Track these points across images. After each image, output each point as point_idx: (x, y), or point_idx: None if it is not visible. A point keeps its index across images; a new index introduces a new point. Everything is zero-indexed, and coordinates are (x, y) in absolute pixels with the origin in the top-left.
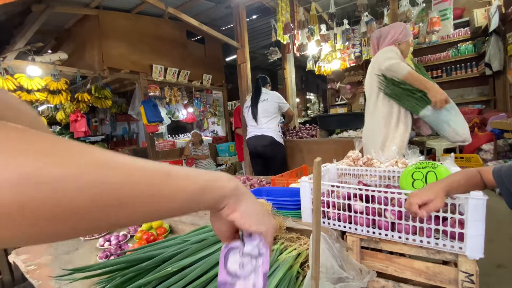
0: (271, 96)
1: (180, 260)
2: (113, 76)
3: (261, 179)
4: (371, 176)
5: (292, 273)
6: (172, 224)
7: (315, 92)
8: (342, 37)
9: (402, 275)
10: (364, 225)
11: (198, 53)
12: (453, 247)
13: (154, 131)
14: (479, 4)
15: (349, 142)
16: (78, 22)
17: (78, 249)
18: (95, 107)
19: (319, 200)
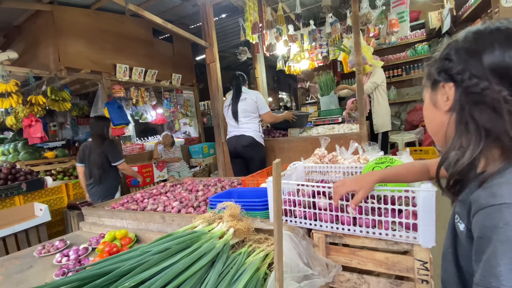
0: (250, 95)
1: (139, 273)
2: (72, 77)
3: (233, 181)
4: (336, 172)
5: (259, 276)
6: (138, 233)
7: (287, 91)
8: (309, 37)
9: (365, 267)
10: (328, 222)
11: (166, 52)
12: (408, 237)
13: (120, 134)
14: (433, 7)
15: (318, 139)
16: (29, 18)
17: (32, 267)
18: (53, 111)
19: (280, 202)
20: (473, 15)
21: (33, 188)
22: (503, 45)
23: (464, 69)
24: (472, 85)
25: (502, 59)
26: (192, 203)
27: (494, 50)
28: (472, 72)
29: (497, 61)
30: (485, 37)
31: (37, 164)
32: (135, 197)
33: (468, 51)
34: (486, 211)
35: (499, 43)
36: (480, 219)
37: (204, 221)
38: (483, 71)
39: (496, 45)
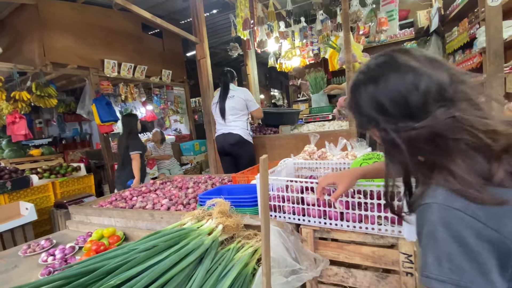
0: (238, 92)
1: (125, 270)
2: (58, 72)
3: (223, 177)
4: (325, 168)
5: (247, 271)
6: (127, 231)
7: (279, 89)
8: (300, 34)
9: (352, 261)
10: (316, 217)
11: (155, 47)
12: (393, 231)
13: (108, 131)
14: (422, 6)
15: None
16: (13, 12)
17: (17, 267)
18: (39, 107)
19: (266, 197)
20: (461, 14)
21: (18, 186)
22: (375, 86)
23: (367, 119)
24: (379, 130)
25: (377, 99)
26: (182, 201)
27: (368, 94)
28: (371, 119)
29: (374, 102)
30: (361, 87)
31: (22, 162)
32: (124, 195)
33: (357, 103)
34: (418, 211)
35: (371, 84)
36: (416, 217)
37: (193, 218)
38: (375, 117)
39: (369, 88)
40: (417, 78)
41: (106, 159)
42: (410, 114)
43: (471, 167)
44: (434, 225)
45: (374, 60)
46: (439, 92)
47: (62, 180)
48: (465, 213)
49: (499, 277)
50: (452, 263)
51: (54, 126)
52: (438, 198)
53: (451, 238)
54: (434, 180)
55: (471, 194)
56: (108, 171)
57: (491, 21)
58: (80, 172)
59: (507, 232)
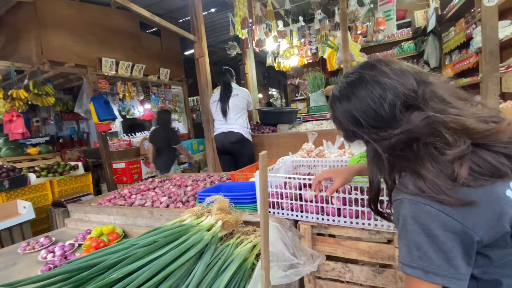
0: (241, 92)
1: (126, 265)
2: (56, 70)
3: (222, 175)
4: (323, 166)
5: (246, 266)
6: (126, 228)
7: (277, 88)
8: (298, 33)
9: (349, 256)
10: (314, 213)
11: (153, 46)
12: (389, 226)
13: (106, 130)
14: (419, 6)
15: (306, 135)
16: (11, 10)
17: (17, 264)
18: (36, 106)
19: (265, 192)
20: (457, 14)
21: (15, 185)
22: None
23: (352, 132)
24: (364, 140)
25: (352, 114)
26: (181, 198)
27: (344, 111)
28: (352, 132)
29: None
30: (336, 103)
31: (19, 161)
32: (123, 193)
33: (339, 121)
34: (393, 205)
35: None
36: (393, 211)
37: (193, 214)
38: (354, 130)
39: (344, 105)
40: (384, 90)
41: (103, 157)
42: (386, 124)
43: (439, 170)
44: (405, 218)
45: (344, 79)
46: (408, 98)
47: (60, 179)
48: (432, 206)
49: (464, 264)
50: (420, 251)
51: (51, 124)
52: (409, 193)
53: (419, 230)
54: (404, 180)
55: (442, 200)
56: (106, 170)
57: (487, 22)
58: (77, 170)
59: (470, 224)
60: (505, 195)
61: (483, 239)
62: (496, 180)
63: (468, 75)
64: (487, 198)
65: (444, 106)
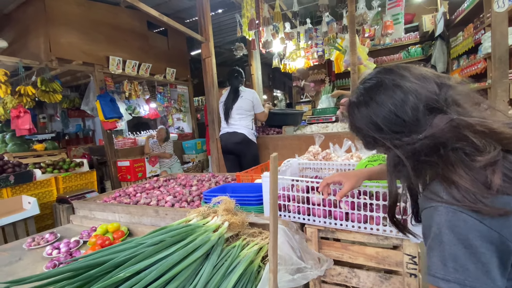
0: (247, 93)
1: (134, 264)
2: (64, 68)
3: (227, 176)
4: (330, 169)
5: (253, 268)
6: (131, 227)
7: (282, 89)
8: (305, 36)
9: (356, 261)
10: (321, 217)
11: (160, 45)
12: (398, 232)
13: (112, 128)
14: (427, 11)
15: (312, 137)
16: (20, 7)
17: (22, 259)
18: (43, 102)
19: (276, 194)
20: (466, 19)
21: (21, 180)
22: (367, 108)
23: (374, 139)
24: (383, 148)
25: (373, 120)
26: (186, 198)
27: (363, 117)
28: (374, 139)
29: (371, 124)
30: (354, 109)
31: (25, 157)
32: (128, 191)
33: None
34: (424, 213)
35: (364, 107)
36: (422, 219)
37: (199, 215)
38: (374, 136)
39: (363, 111)
40: (405, 94)
41: (108, 155)
42: (409, 129)
43: (473, 177)
44: (440, 227)
45: (362, 85)
46: (430, 101)
47: (65, 175)
48: (469, 215)
49: (500, 276)
50: (457, 263)
51: (57, 121)
52: (444, 200)
53: (456, 240)
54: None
55: (480, 209)
56: (111, 168)
57: (497, 27)
58: (83, 167)
59: (508, 234)
60: None
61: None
62: None
63: (476, 81)
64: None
65: (467, 109)
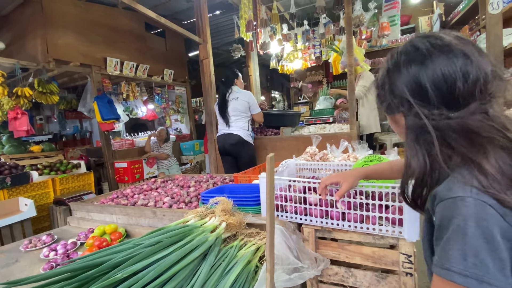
0: (242, 95)
1: (131, 265)
2: (61, 69)
3: (225, 177)
4: (326, 170)
5: (250, 268)
6: (128, 228)
7: (279, 90)
8: (303, 37)
9: (353, 261)
10: (318, 217)
11: (158, 46)
12: (394, 232)
13: (109, 129)
14: (424, 12)
15: (309, 138)
16: (17, 8)
17: (18, 261)
18: (40, 104)
19: (272, 194)
20: (462, 21)
21: (18, 182)
22: (421, 69)
23: (399, 101)
24: (410, 114)
25: (421, 84)
26: (183, 199)
27: (412, 76)
28: (403, 101)
29: (418, 86)
30: (401, 65)
31: (22, 158)
32: (125, 193)
33: (391, 82)
34: (444, 203)
35: (416, 67)
36: (440, 209)
37: (196, 215)
38: (409, 99)
39: (412, 70)
40: (468, 66)
41: (106, 157)
42: (448, 102)
43: (502, 167)
44: (466, 219)
45: (420, 40)
46: (484, 84)
47: (62, 177)
48: (496, 210)
49: (511, 274)
50: (477, 259)
51: (54, 123)
52: (473, 192)
53: (480, 235)
54: (461, 175)
55: (503, 199)
56: (108, 169)
57: (491, 29)
58: (80, 169)
59: None
60: None
61: None
62: None
63: None
64: None
65: (502, 106)
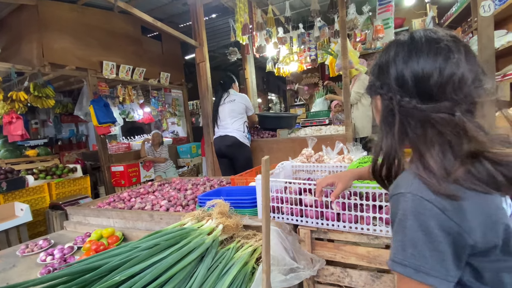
0: (239, 97)
1: (128, 268)
2: (56, 73)
3: (222, 180)
4: (322, 171)
5: (247, 269)
6: (125, 232)
7: (276, 93)
8: (298, 40)
9: (348, 261)
10: (313, 218)
11: (154, 50)
12: (388, 231)
13: (106, 132)
14: (417, 15)
15: (305, 140)
16: (13, 13)
17: (16, 266)
18: (35, 108)
19: (268, 196)
20: (455, 23)
21: (13, 187)
22: (405, 59)
23: (380, 84)
24: (386, 96)
25: (403, 72)
26: (180, 202)
27: (397, 64)
28: (384, 85)
29: (400, 73)
30: (393, 53)
31: (18, 163)
32: (122, 196)
33: (380, 67)
34: (392, 199)
35: (402, 56)
36: (390, 206)
37: (193, 218)
38: (390, 84)
39: (398, 59)
40: (448, 65)
41: (102, 160)
42: (421, 95)
43: (442, 160)
44: (406, 213)
45: (417, 33)
46: (458, 85)
47: (58, 181)
48: (434, 204)
49: (454, 267)
50: (415, 249)
51: (50, 127)
52: (412, 188)
53: (418, 227)
54: (410, 170)
55: (431, 184)
56: (104, 173)
57: (483, 31)
58: (76, 173)
59: (467, 227)
60: (502, 206)
61: (476, 244)
62: (491, 191)
63: None
64: (482, 204)
65: (476, 112)
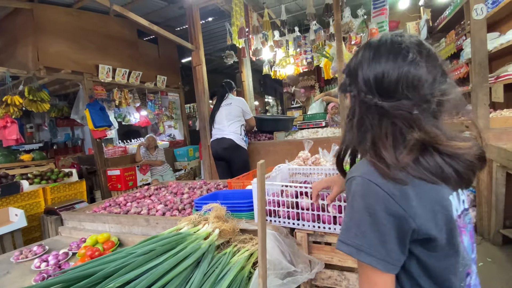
0: (236, 100)
1: (124, 274)
2: (52, 77)
3: (218, 183)
4: (318, 174)
5: (244, 274)
6: (121, 237)
7: (273, 95)
8: (294, 43)
9: (345, 264)
10: (310, 221)
11: (151, 53)
12: None
13: (102, 136)
14: (411, 18)
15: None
16: (8, 16)
17: (9, 273)
18: (30, 112)
19: (263, 200)
20: (448, 26)
21: (8, 192)
22: (371, 61)
23: (350, 83)
24: (353, 94)
25: (367, 71)
26: (177, 206)
27: (363, 64)
28: (352, 83)
29: (365, 73)
30: (360, 55)
31: (12, 167)
32: (118, 201)
33: (351, 68)
34: (346, 183)
35: (368, 59)
36: (345, 189)
37: (190, 222)
38: (357, 83)
39: (364, 60)
40: (403, 64)
41: (98, 164)
42: (381, 93)
43: (394, 150)
44: (354, 195)
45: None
46: (414, 85)
47: (53, 186)
48: (382, 188)
49: (398, 250)
50: (358, 230)
51: (45, 131)
52: (363, 171)
53: (364, 208)
54: (365, 159)
55: (381, 169)
56: (100, 177)
57: (476, 34)
58: (71, 177)
59: (411, 212)
60: (447, 198)
61: (419, 229)
62: (438, 181)
63: (459, 85)
64: (427, 192)
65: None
